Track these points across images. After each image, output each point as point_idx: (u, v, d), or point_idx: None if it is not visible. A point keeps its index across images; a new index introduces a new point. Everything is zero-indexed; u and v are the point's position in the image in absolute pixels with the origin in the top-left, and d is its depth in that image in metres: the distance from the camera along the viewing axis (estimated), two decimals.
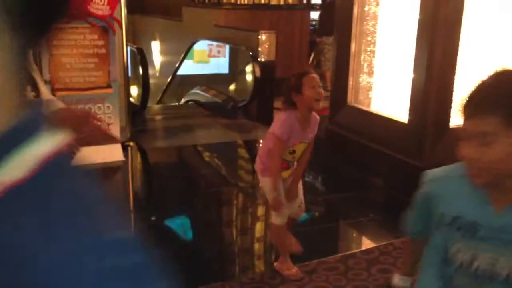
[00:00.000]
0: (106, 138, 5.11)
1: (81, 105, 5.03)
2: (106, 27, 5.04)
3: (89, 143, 5.19)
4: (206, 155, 6.08)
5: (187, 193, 4.68)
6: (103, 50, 5.08)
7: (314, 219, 4.04)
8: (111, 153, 5.09)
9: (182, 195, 4.60)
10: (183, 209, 4.29)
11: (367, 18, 5.42)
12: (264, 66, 7.11)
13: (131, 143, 5.66)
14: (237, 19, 8.98)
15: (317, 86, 2.63)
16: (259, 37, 7.14)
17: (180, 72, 9.46)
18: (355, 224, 3.37)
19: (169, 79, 9.50)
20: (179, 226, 4.03)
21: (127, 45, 5.61)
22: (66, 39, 4.91)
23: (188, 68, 9.56)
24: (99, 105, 5.12)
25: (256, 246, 3.68)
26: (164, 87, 9.50)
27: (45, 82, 4.93)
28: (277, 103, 7.75)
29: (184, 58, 9.34)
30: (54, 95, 4.96)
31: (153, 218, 4.00)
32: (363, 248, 3.41)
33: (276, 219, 2.84)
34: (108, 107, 5.16)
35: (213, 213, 4.26)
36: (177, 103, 8.95)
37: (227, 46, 9.13)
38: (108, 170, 4.96)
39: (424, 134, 4.45)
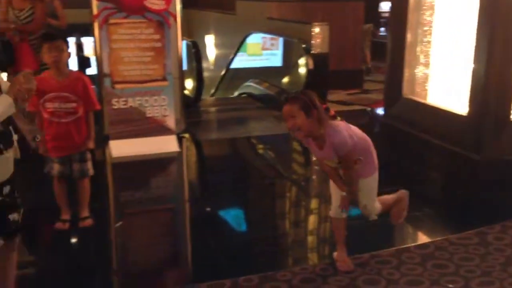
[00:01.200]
0: (161, 130, 5.26)
1: (138, 97, 5.19)
2: (162, 22, 5.16)
3: (145, 134, 5.36)
4: (259, 147, 6.12)
5: (241, 184, 4.73)
6: (159, 44, 5.20)
7: None
8: (167, 144, 5.22)
9: (235, 186, 4.66)
10: (236, 200, 4.35)
11: (424, 7, 5.27)
12: (317, 59, 7.06)
13: (186, 135, 5.78)
14: (290, 11, 8.94)
15: (289, 118, 2.57)
16: (312, 29, 7.09)
17: (234, 65, 9.54)
18: (410, 218, 3.30)
19: (222, 72, 9.60)
20: (233, 217, 4.09)
21: (182, 39, 5.71)
22: (124, 34, 5.07)
23: (241, 61, 9.63)
24: (155, 97, 5.26)
25: (309, 238, 3.69)
26: (218, 80, 9.62)
27: (105, 75, 5.12)
28: (330, 96, 7.69)
29: (237, 51, 9.42)
30: (113, 88, 5.14)
31: (207, 209, 4.08)
32: (418, 242, 3.34)
33: (333, 212, 2.93)
34: (164, 99, 5.29)
35: (266, 205, 4.29)
36: (230, 96, 9.05)
37: (280, 39, 9.14)
38: (163, 161, 5.09)
39: (483, 127, 4.30)
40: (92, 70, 5.92)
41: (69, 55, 3.33)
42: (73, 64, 7.94)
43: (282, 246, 3.55)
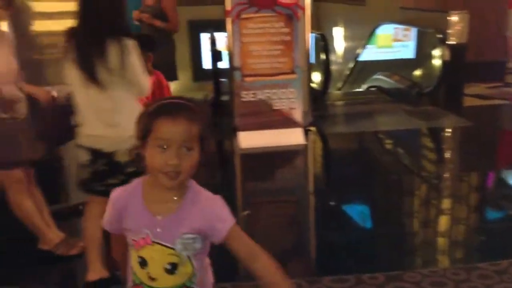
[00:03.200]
0: (288, 122, 5.31)
1: (266, 90, 5.29)
2: (291, 15, 5.19)
3: (272, 126, 5.46)
4: (387, 142, 5.91)
5: (367, 180, 4.61)
6: (288, 37, 5.25)
7: (509, 217, 3.69)
8: (293, 137, 5.26)
9: (361, 181, 4.55)
10: (362, 196, 4.25)
11: None
12: (454, 50, 6.62)
13: (312, 128, 5.77)
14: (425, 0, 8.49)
15: (180, 145, 1.37)
16: (449, 18, 6.65)
17: (363, 57, 9.31)
18: None
19: (351, 65, 9.43)
20: (358, 213, 4.00)
21: (310, 32, 5.70)
22: (255, 28, 5.19)
23: (370, 53, 9.37)
24: (283, 90, 5.32)
25: (440, 240, 3.48)
26: (346, 73, 9.46)
27: (235, 68, 5.29)
28: (467, 89, 7.18)
29: (366, 43, 9.17)
30: (242, 81, 5.30)
31: (332, 203, 4.04)
32: None
33: None
34: (292, 92, 5.33)
35: (393, 202, 4.14)
36: (358, 89, 8.86)
37: (414, 29, 8.71)
38: (289, 153, 5.14)
39: None
40: (223, 64, 6.15)
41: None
42: (207, 58, 8.35)
43: (409, 245, 3.40)
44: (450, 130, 6.09)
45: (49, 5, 3.74)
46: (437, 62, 7.17)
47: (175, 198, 1.44)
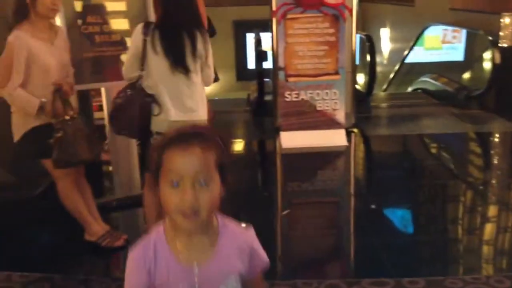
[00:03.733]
0: (331, 123, 5.28)
1: (310, 90, 5.28)
2: (337, 15, 5.16)
3: (314, 127, 5.45)
4: (433, 145, 5.79)
5: (410, 184, 4.54)
6: (333, 38, 5.22)
7: None
8: (335, 138, 5.23)
9: (404, 185, 4.49)
10: (404, 200, 4.18)
11: None
12: (505, 52, 6.41)
13: (355, 130, 5.72)
14: (477, 1, 8.25)
15: (195, 178, 1.19)
16: (502, 20, 6.45)
17: (409, 59, 9.15)
18: None
19: (396, 67, 9.27)
20: (399, 217, 3.95)
21: (356, 33, 5.65)
22: (300, 28, 5.19)
23: (417, 55, 9.19)
24: (326, 91, 5.30)
25: (484, 248, 3.39)
26: (391, 75, 9.32)
27: (279, 68, 5.31)
28: None
29: (414, 45, 9.00)
30: (286, 81, 5.31)
31: (372, 206, 4.00)
32: None
33: None
34: (335, 93, 5.30)
35: (436, 207, 4.06)
36: (404, 91, 8.71)
37: (464, 31, 8.49)
38: (331, 154, 5.11)
39: None
40: (268, 64, 6.18)
41: None
42: (251, 58, 8.42)
43: (451, 251, 3.33)
44: (498, 135, 5.91)
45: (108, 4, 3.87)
46: (487, 65, 6.97)
47: (207, 240, 1.26)
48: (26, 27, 2.89)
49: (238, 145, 5.71)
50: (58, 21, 3.25)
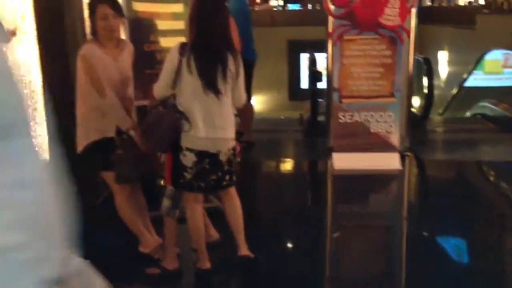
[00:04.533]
0: (384, 146, 5.21)
1: (364, 112, 5.24)
2: (394, 37, 5.12)
3: (367, 149, 5.39)
4: (491, 173, 5.60)
5: (465, 211, 4.39)
6: (389, 60, 5.18)
7: None
8: (389, 161, 5.15)
9: (459, 213, 4.35)
10: (459, 228, 4.06)
11: None
12: None
13: (409, 153, 5.61)
14: None
15: None
16: None
17: (468, 83, 8.92)
18: None
19: (454, 91, 9.06)
20: (452, 245, 3.83)
21: (413, 55, 5.58)
22: (357, 50, 5.18)
23: (477, 79, 8.95)
24: (381, 113, 5.24)
25: None
26: (449, 99, 9.11)
27: (334, 89, 5.31)
28: None
29: (473, 69, 8.79)
30: (340, 102, 5.30)
31: (424, 233, 3.90)
32: None
33: None
34: (390, 116, 5.24)
35: (493, 238, 3.91)
36: (461, 116, 8.49)
37: None
38: (384, 177, 5.04)
39: None
40: (322, 84, 6.19)
41: None
42: (304, 78, 8.45)
43: (506, 284, 3.19)
44: None
45: (163, 23, 4.02)
46: None
47: None
48: (94, 41, 3.06)
49: (289, 165, 5.72)
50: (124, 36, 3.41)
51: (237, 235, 3.18)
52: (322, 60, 5.92)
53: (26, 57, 3.53)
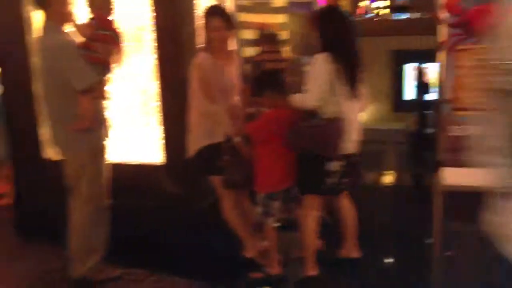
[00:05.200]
0: None
1: (478, 125, 4.94)
2: None
3: (477, 164, 5.03)
4: None
5: None
6: None
7: None
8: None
9: None
10: None
11: None
12: None
13: None
14: None
15: None
16: None
17: None
18: None
19: None
20: None
21: None
22: (472, 60, 4.91)
23: None
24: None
25: None
26: None
27: (445, 101, 5.06)
28: None
29: None
30: (452, 114, 5.03)
31: None
32: None
33: None
34: None
35: None
36: None
37: None
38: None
39: None
40: (429, 96, 5.95)
41: None
42: (409, 89, 8.15)
43: None
44: None
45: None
46: None
47: None
48: (207, 51, 3.17)
49: (392, 178, 5.54)
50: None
51: (352, 236, 3.31)
52: (429, 71, 5.68)
53: (143, 66, 3.75)
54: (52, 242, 3.74)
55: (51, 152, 3.85)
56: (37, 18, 3.31)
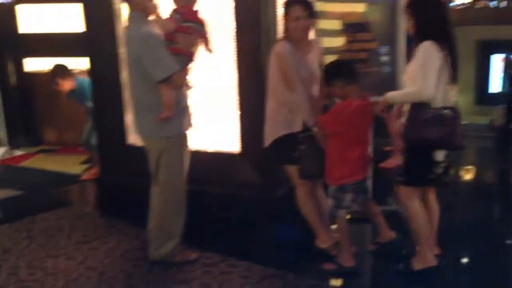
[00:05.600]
0: None
1: None
2: None
3: None
4: None
5: None
6: None
7: None
8: None
9: None
10: None
11: None
12: None
13: None
14: None
15: None
16: None
17: None
18: None
19: None
20: None
21: None
22: None
23: None
24: None
25: None
26: None
27: None
28: None
29: None
30: None
31: None
32: None
33: None
34: None
35: None
36: None
37: None
38: None
39: None
40: None
41: None
42: (495, 81, 7.76)
43: None
44: None
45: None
46: None
47: None
48: (287, 40, 3.18)
49: (477, 173, 5.31)
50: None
51: (434, 232, 3.17)
52: None
53: (224, 55, 3.83)
54: (134, 224, 3.93)
55: (135, 139, 4.03)
56: (125, 10, 3.46)
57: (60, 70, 5.32)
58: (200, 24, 3.19)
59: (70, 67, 5.46)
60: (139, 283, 3.14)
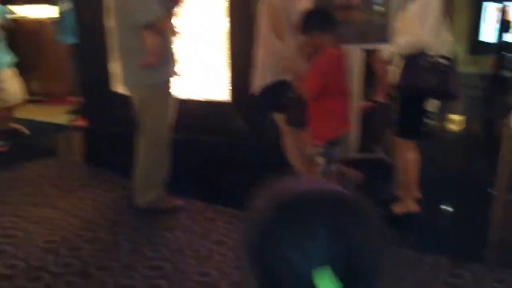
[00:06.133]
0: None
1: None
2: None
3: None
4: None
5: None
6: None
7: None
8: None
9: None
10: None
11: None
12: None
13: None
14: None
15: None
16: None
17: None
18: None
19: None
20: None
21: None
22: None
23: None
24: None
25: None
26: None
27: None
28: None
29: None
30: None
31: None
32: None
33: None
34: None
35: None
36: None
37: None
38: None
39: None
40: (510, 37, 5.55)
41: None
42: (487, 30, 7.62)
43: None
44: None
45: None
46: None
47: None
48: None
49: (463, 123, 5.30)
50: None
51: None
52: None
53: (213, 8, 3.72)
54: (119, 172, 3.92)
55: (119, 87, 3.96)
56: None
57: None
58: None
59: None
60: (124, 230, 3.16)
